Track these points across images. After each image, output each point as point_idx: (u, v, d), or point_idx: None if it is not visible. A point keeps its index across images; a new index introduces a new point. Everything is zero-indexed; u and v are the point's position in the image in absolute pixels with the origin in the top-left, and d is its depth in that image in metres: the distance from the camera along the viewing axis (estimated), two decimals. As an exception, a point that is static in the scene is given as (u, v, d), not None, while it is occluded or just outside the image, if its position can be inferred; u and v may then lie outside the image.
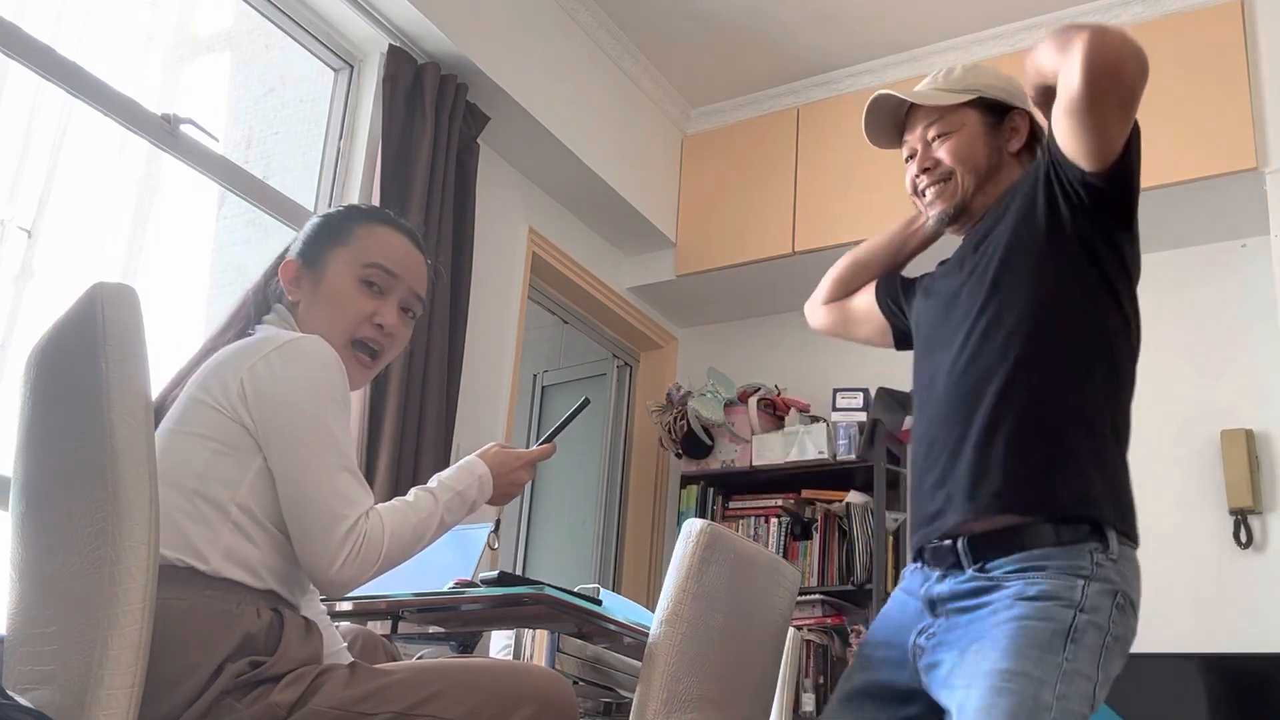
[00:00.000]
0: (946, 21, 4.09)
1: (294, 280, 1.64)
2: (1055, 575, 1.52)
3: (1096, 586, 1.52)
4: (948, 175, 1.80)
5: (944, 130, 1.80)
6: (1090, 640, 1.50)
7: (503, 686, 1.43)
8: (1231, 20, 3.68)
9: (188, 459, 1.44)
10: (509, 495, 1.69)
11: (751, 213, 4.40)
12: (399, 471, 3.11)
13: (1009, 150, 1.81)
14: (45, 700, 1.26)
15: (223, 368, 1.48)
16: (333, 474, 1.44)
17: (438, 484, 1.59)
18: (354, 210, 1.74)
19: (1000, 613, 1.53)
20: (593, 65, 4.19)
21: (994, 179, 1.79)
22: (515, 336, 3.96)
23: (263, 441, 1.44)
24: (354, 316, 1.61)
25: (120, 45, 3.13)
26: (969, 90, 1.81)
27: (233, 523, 1.43)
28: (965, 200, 1.79)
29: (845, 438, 4.13)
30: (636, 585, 4.50)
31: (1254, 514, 3.63)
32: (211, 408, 1.45)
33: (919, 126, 1.84)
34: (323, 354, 1.49)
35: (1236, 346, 3.75)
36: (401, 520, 1.49)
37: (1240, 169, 3.54)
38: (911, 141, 1.86)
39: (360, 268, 1.62)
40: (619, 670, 2.09)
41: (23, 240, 3.01)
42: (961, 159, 1.79)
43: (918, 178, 1.84)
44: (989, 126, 1.81)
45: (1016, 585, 1.54)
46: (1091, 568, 1.53)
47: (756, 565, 1.87)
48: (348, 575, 1.43)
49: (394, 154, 3.31)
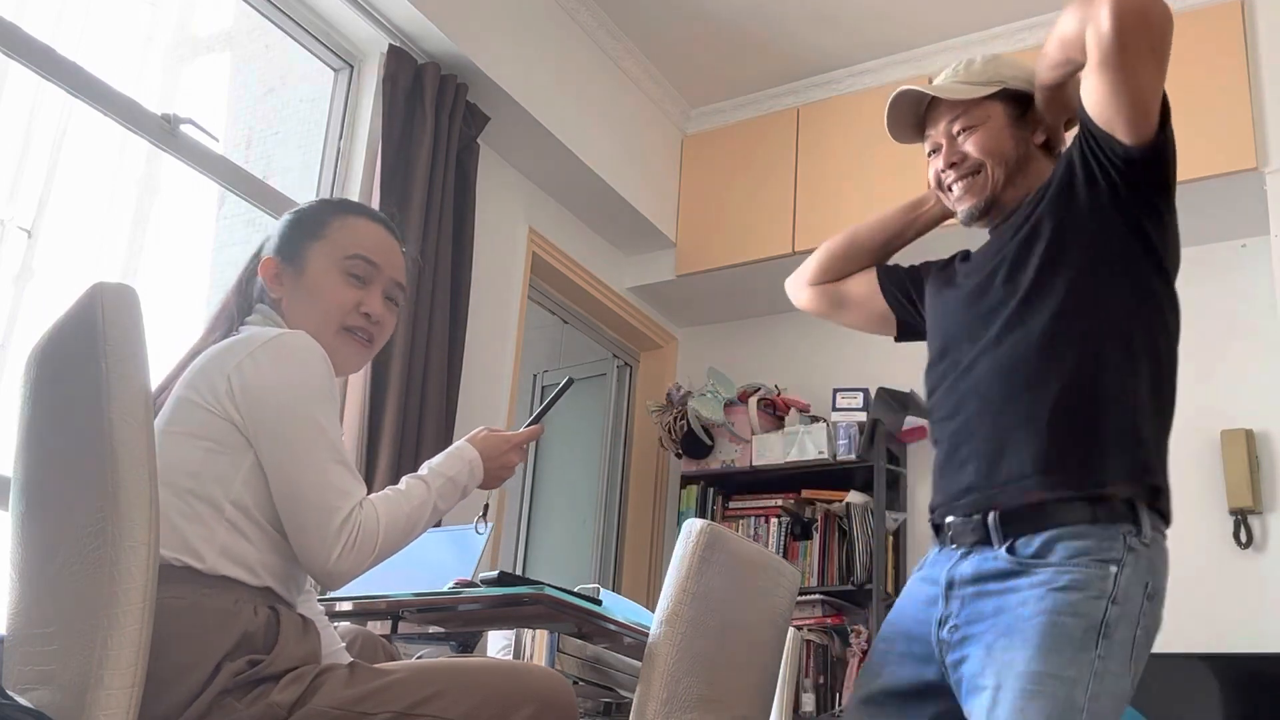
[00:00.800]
0: (946, 21, 4.09)
1: (275, 277, 1.64)
2: (1087, 563, 1.50)
3: (1128, 574, 1.50)
4: (977, 168, 1.77)
5: (969, 124, 1.78)
6: (1122, 634, 1.48)
7: (503, 686, 1.43)
8: (1231, 20, 3.68)
9: (181, 459, 1.44)
10: (500, 478, 1.69)
11: (751, 213, 4.40)
12: (399, 471, 3.11)
13: (1035, 141, 1.80)
14: (45, 700, 1.26)
15: (209, 367, 1.49)
16: (324, 466, 1.45)
17: (429, 471, 1.59)
18: (326, 204, 1.74)
19: (1029, 604, 1.49)
20: (593, 65, 4.19)
21: (1023, 170, 1.78)
22: (515, 336, 3.96)
23: (253, 438, 1.44)
24: (341, 307, 1.62)
25: (120, 45, 3.13)
26: (992, 82, 1.79)
27: (228, 520, 1.43)
28: (995, 193, 1.77)
29: (845, 438, 4.13)
30: (636, 585, 4.50)
31: (1254, 514, 3.63)
32: (201, 407, 1.46)
33: (942, 121, 1.81)
34: (308, 348, 1.49)
35: (1236, 346, 3.75)
36: (395, 509, 1.49)
37: (1240, 169, 3.54)
38: (935, 136, 1.83)
39: (342, 259, 1.63)
40: (619, 670, 2.09)
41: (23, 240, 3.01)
42: (990, 152, 1.77)
43: (944, 172, 1.81)
44: (1014, 118, 1.79)
45: (1045, 574, 1.50)
46: (1123, 552, 1.51)
47: (756, 565, 1.87)
48: (345, 566, 1.44)
49: (394, 154, 3.31)
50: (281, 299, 1.63)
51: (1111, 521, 1.53)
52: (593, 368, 4.89)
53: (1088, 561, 1.50)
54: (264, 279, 1.64)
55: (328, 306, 1.61)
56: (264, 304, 1.64)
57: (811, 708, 3.88)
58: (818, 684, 3.92)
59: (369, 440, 3.09)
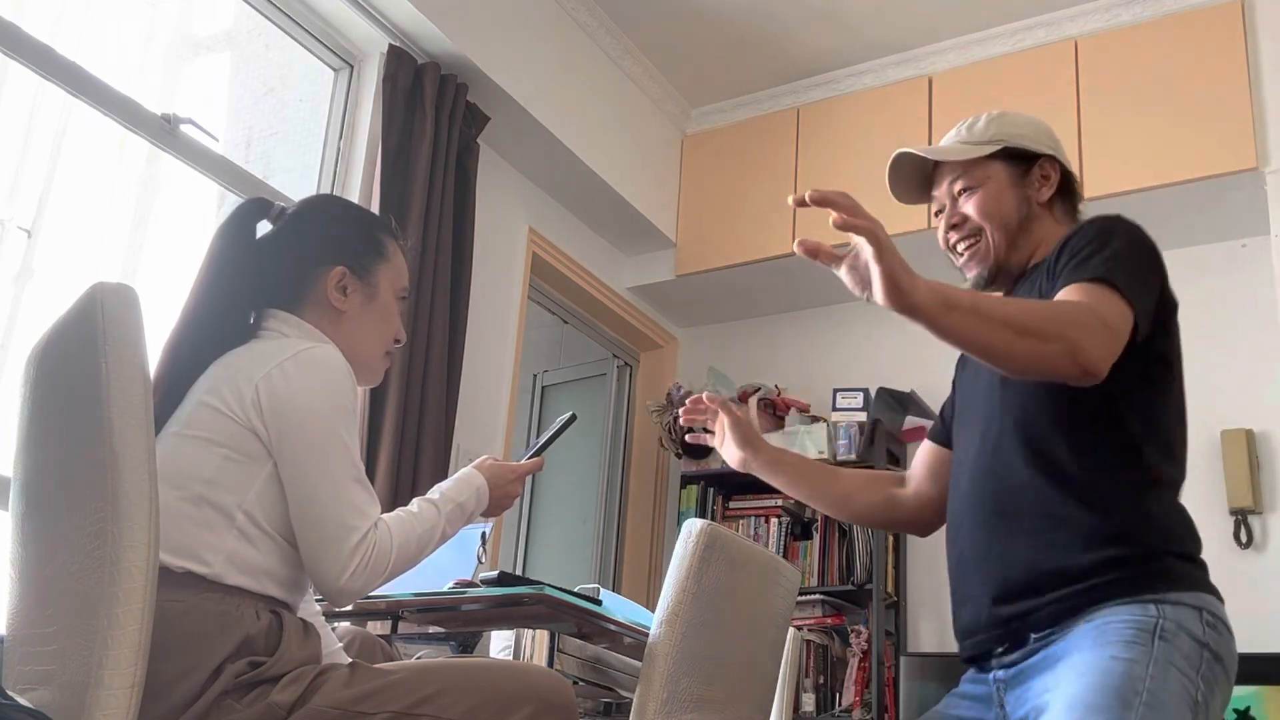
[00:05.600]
0: (946, 21, 4.09)
1: (342, 290, 1.63)
2: (1123, 611, 1.47)
3: (1171, 609, 1.46)
4: (977, 232, 1.73)
5: (969, 184, 1.73)
6: (1184, 644, 1.43)
7: (502, 686, 1.43)
8: (1231, 20, 3.68)
9: (196, 464, 1.44)
10: (502, 507, 1.72)
11: (751, 213, 4.40)
12: (399, 471, 3.11)
13: (1039, 200, 1.74)
14: (45, 700, 1.26)
15: (236, 375, 1.48)
16: (345, 485, 1.46)
17: (439, 495, 1.61)
18: (378, 222, 1.75)
19: (1075, 654, 1.46)
20: (593, 65, 4.19)
21: (1026, 231, 1.72)
22: (515, 336, 3.96)
23: (275, 449, 1.45)
24: (392, 334, 1.69)
25: (120, 45, 3.13)
26: (993, 141, 1.74)
27: (238, 529, 1.43)
28: (999, 259, 1.72)
29: (845, 438, 4.13)
30: (636, 585, 4.50)
31: (1254, 514, 3.62)
32: (223, 414, 1.46)
33: (945, 181, 1.77)
34: (337, 365, 1.51)
35: (1236, 346, 3.75)
36: (408, 531, 1.51)
37: (1240, 169, 3.54)
38: (940, 196, 1.79)
39: (396, 287, 1.70)
40: (619, 670, 2.09)
41: (23, 240, 3.01)
42: (988, 214, 1.72)
43: (948, 233, 1.77)
44: (1016, 177, 1.73)
45: (1085, 625, 1.48)
46: (1158, 611, 1.47)
47: (756, 565, 1.87)
48: (356, 586, 1.45)
49: (394, 154, 3.31)
50: (345, 312, 1.63)
51: (1138, 595, 1.50)
52: (593, 368, 4.89)
53: (1124, 610, 1.47)
54: (328, 286, 1.62)
55: (385, 332, 1.68)
56: (283, 309, 1.61)
57: (811, 708, 3.88)
58: (818, 684, 3.92)
59: (369, 439, 3.09)
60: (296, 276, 1.63)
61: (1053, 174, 1.75)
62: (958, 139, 1.79)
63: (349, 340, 1.60)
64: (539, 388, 4.91)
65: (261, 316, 1.61)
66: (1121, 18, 3.90)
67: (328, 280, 1.62)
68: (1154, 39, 3.79)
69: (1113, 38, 3.88)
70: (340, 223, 1.70)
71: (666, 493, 4.67)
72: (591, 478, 4.73)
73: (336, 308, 1.62)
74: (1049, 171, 1.75)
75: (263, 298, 1.63)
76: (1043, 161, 1.75)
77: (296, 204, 1.73)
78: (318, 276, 1.62)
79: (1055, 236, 1.69)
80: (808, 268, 4.33)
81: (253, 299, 1.63)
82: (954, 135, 1.81)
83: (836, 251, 1.50)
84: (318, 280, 1.62)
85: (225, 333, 1.57)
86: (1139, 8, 3.89)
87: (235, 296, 1.61)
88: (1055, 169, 1.75)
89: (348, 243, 1.67)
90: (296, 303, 1.62)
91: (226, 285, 1.61)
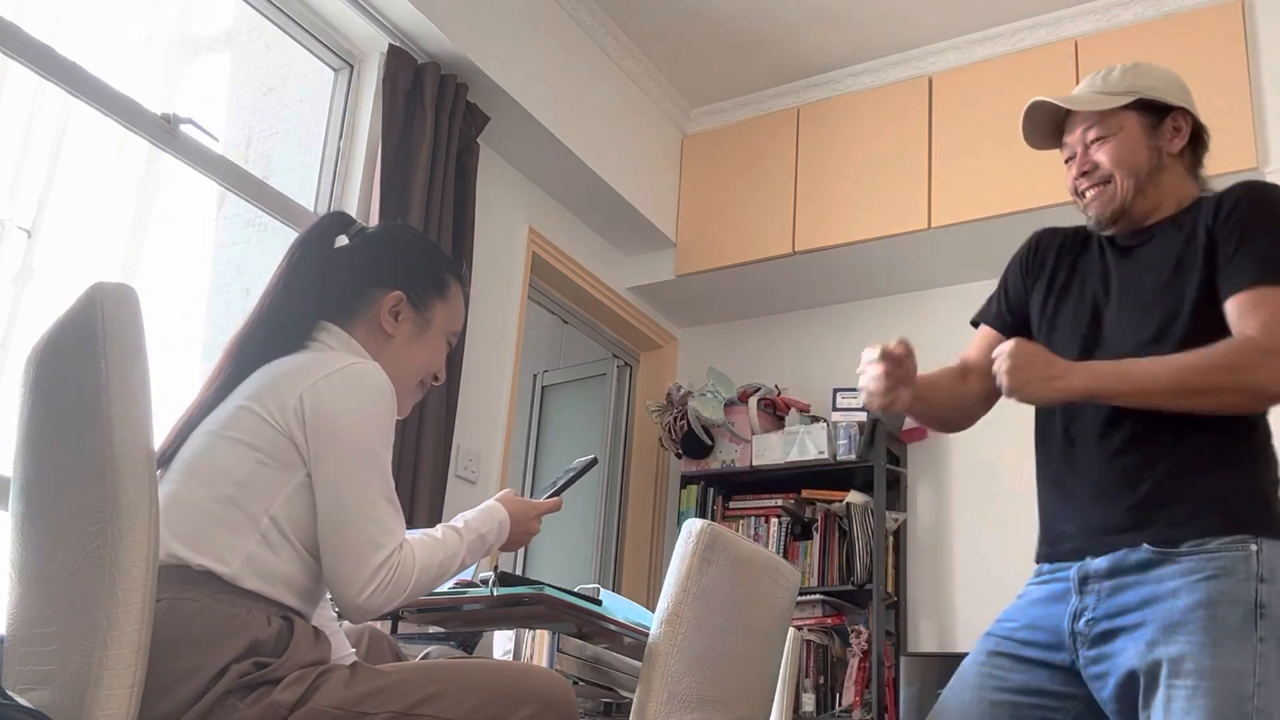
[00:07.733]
0: (946, 21, 4.09)
1: (395, 315, 1.66)
2: (1224, 547, 1.55)
3: (1269, 546, 1.55)
4: (1107, 179, 1.78)
5: (1102, 134, 1.79)
6: (1278, 611, 1.52)
7: (503, 686, 1.43)
8: (1231, 20, 3.68)
9: (230, 466, 1.45)
10: (520, 542, 1.75)
11: (751, 213, 4.40)
12: (399, 472, 3.11)
13: (1170, 150, 1.79)
14: (45, 700, 1.26)
15: (279, 382, 1.50)
16: (376, 502, 1.47)
17: (464, 524, 1.63)
18: (448, 262, 1.78)
19: (1182, 596, 1.54)
20: (593, 65, 4.19)
21: (1155, 181, 1.78)
22: (515, 336, 3.96)
23: (311, 459, 1.46)
24: (431, 368, 1.72)
25: (120, 45, 3.13)
26: (1127, 92, 1.79)
27: (260, 534, 1.44)
28: (1125, 204, 1.78)
29: (845, 438, 4.13)
30: (636, 585, 4.50)
31: None
32: (263, 419, 1.47)
33: (1078, 129, 1.83)
34: (383, 384, 1.52)
35: (1236, 346, 3.75)
36: (430, 556, 1.52)
37: (1240, 169, 3.53)
38: (1071, 144, 1.85)
39: (448, 330, 1.73)
40: (619, 670, 2.09)
41: (23, 240, 3.01)
42: (1119, 162, 1.78)
43: (1078, 179, 1.83)
44: (1148, 128, 1.79)
45: (1189, 563, 1.56)
46: (1258, 544, 1.56)
47: (756, 565, 1.87)
48: (375, 604, 1.46)
49: (394, 154, 3.31)
50: (394, 337, 1.65)
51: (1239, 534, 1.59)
52: (593, 368, 4.89)
53: (1230, 544, 1.55)
54: (383, 308, 1.65)
55: (425, 363, 1.69)
56: (335, 323, 1.63)
57: (811, 708, 3.88)
58: (818, 684, 3.92)
59: (369, 440, 3.08)
60: (355, 292, 1.67)
61: (1184, 126, 1.81)
62: (1092, 89, 1.84)
63: (390, 365, 1.61)
64: (539, 388, 4.91)
65: (314, 327, 1.63)
66: (1121, 18, 3.90)
67: (384, 302, 1.65)
68: (1154, 39, 3.79)
69: (1113, 38, 3.88)
70: (411, 250, 1.74)
71: (666, 493, 4.67)
72: (592, 478, 4.73)
73: (386, 331, 1.65)
74: (1181, 124, 1.80)
75: (322, 309, 1.65)
76: (1175, 114, 1.80)
77: (376, 226, 1.79)
78: (375, 297, 1.66)
79: (1183, 189, 1.78)
80: (808, 267, 4.34)
81: (315, 309, 1.65)
82: (1088, 84, 1.86)
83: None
84: (374, 300, 1.66)
85: (283, 337, 1.59)
86: (1139, 8, 3.89)
87: (301, 304, 1.64)
88: (1187, 122, 1.81)
89: (412, 272, 1.70)
90: (349, 318, 1.65)
91: (294, 292, 1.64)
